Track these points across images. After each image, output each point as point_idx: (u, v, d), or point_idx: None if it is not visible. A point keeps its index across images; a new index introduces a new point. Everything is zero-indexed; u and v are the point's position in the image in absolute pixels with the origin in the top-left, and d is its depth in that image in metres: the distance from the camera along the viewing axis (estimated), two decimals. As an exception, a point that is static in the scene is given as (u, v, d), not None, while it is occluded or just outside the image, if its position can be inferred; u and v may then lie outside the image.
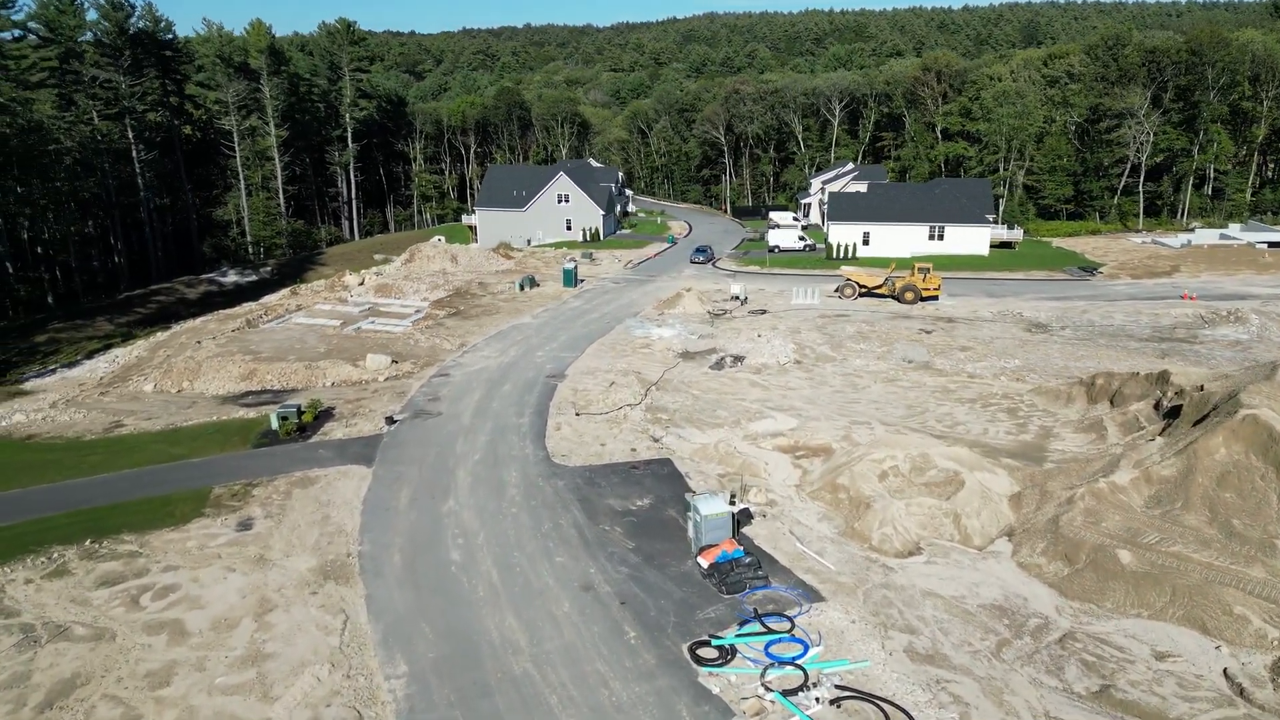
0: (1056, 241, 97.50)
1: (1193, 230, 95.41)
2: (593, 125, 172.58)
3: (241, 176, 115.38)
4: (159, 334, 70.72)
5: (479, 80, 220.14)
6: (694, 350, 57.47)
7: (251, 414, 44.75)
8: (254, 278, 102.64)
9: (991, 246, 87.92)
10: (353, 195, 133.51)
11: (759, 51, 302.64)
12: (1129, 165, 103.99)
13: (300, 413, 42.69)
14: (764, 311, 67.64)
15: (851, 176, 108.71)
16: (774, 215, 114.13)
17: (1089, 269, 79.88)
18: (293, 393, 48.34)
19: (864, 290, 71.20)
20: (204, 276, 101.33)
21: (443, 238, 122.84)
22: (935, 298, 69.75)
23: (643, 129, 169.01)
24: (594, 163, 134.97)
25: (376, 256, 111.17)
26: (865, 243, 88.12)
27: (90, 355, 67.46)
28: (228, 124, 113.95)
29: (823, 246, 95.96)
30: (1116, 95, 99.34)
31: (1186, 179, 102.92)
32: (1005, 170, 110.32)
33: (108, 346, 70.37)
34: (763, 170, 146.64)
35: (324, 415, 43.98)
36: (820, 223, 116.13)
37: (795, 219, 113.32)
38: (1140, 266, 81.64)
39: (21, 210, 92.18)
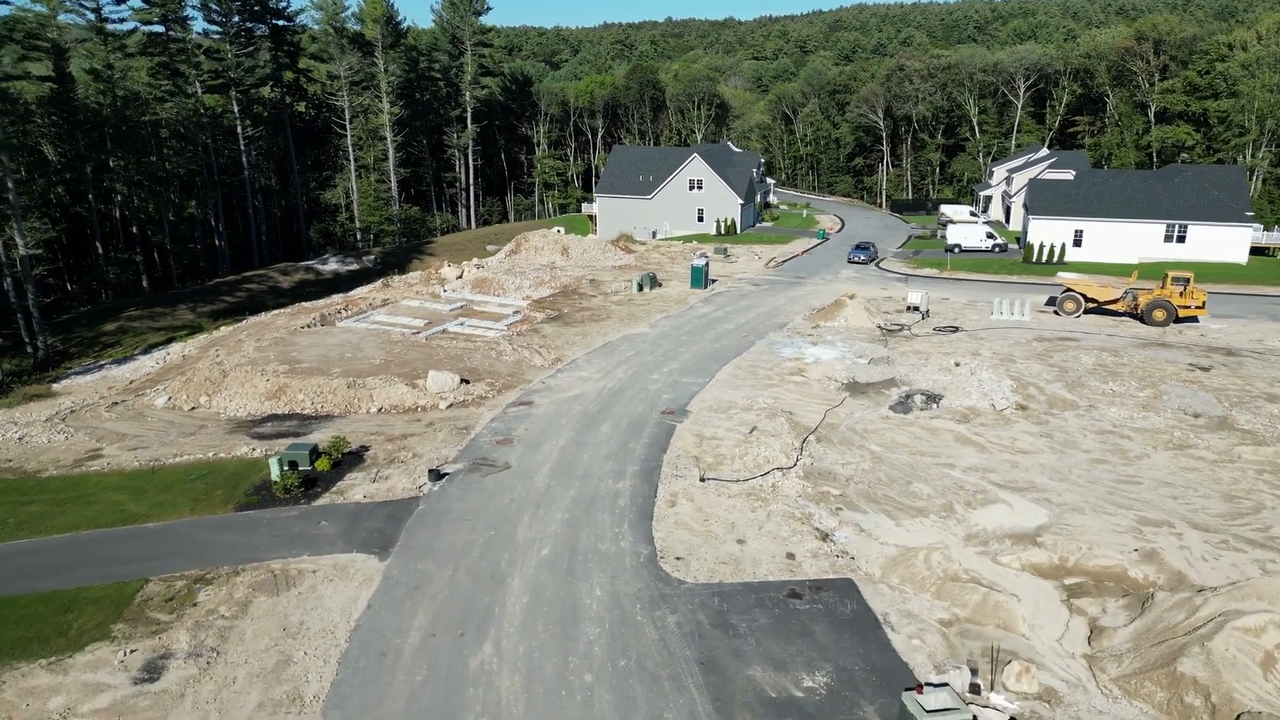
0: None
1: None
2: (732, 108, 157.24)
3: (352, 158, 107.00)
4: (221, 329, 61.13)
5: (615, 69, 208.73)
6: (865, 381, 42.06)
7: (258, 450, 32.67)
8: (355, 266, 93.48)
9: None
10: (470, 181, 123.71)
11: (915, 38, 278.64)
12: None
13: (315, 455, 30.24)
14: (955, 329, 51.17)
15: (1048, 164, 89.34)
16: (947, 210, 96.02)
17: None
18: (325, 420, 36.13)
19: (1092, 305, 53.49)
20: (301, 264, 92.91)
21: (562, 228, 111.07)
22: (1195, 319, 51.35)
23: (787, 114, 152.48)
24: (733, 147, 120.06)
25: (489, 247, 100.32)
26: (1076, 243, 69.52)
27: (149, 349, 58.41)
28: (340, 100, 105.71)
29: (1015, 247, 77.65)
30: None
31: None
32: (1247, 158, 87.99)
33: (171, 339, 61.42)
34: (928, 159, 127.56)
35: (350, 459, 31.37)
36: (1003, 219, 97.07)
37: (973, 214, 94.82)
38: None
39: (114, 186, 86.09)
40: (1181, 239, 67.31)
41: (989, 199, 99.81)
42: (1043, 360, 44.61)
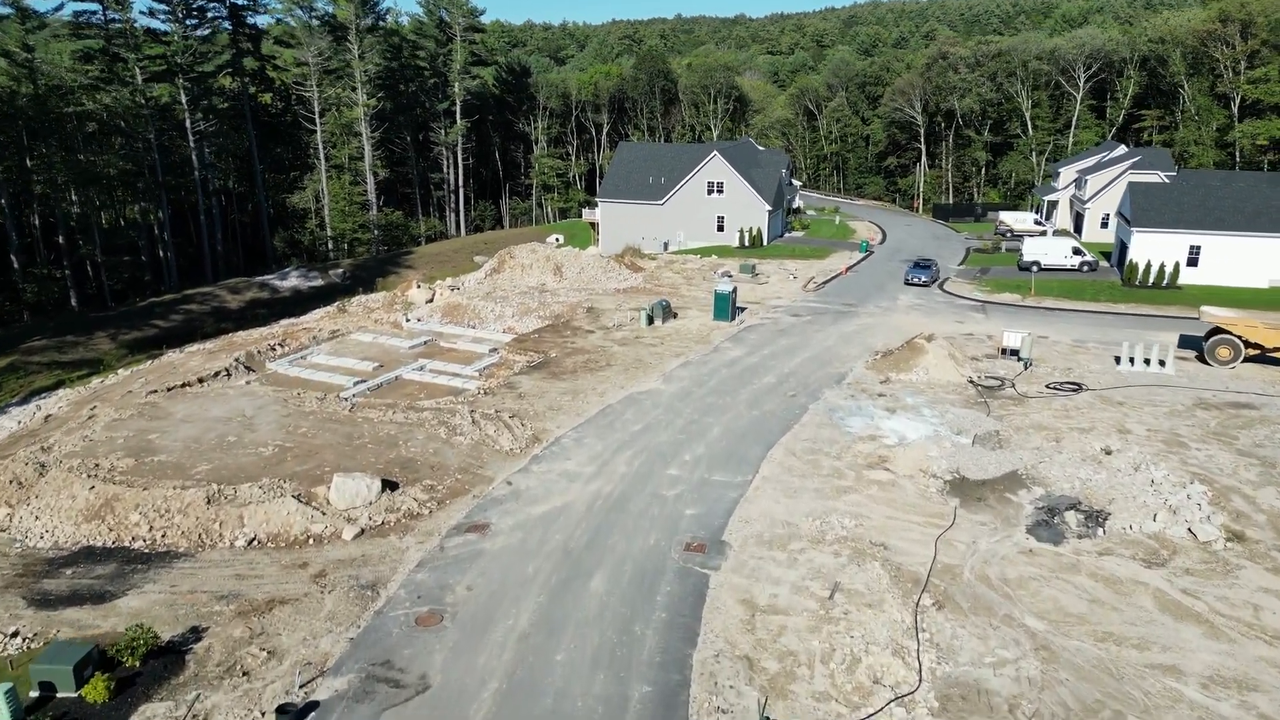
0: None
1: None
2: (752, 102, 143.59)
3: (323, 156, 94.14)
4: (120, 373, 48.38)
5: (622, 63, 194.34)
6: (978, 478, 28.98)
7: (29, 630, 19.70)
8: (319, 282, 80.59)
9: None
10: (460, 182, 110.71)
11: (939, 32, 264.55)
12: None
13: (89, 666, 17.27)
14: (1077, 386, 37.84)
15: (1130, 164, 75.75)
16: (1006, 217, 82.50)
17: None
18: (162, 563, 23.09)
19: (1256, 352, 40.12)
20: (257, 279, 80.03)
21: (561, 236, 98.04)
22: (1401, 373, 37.94)
23: (810, 109, 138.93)
24: (756, 145, 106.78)
25: (477, 258, 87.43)
26: (1192, 262, 56.09)
27: (28, 397, 45.88)
28: (309, 91, 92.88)
29: (1107, 265, 64.19)
30: None
31: None
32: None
33: (61, 383, 48.89)
34: (972, 158, 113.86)
35: (156, 669, 18.34)
36: (1071, 227, 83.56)
37: (1038, 222, 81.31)
38: None
39: (34, 188, 73.45)
40: (1327, 258, 53.83)
41: (1054, 204, 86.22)
42: (1226, 443, 31.28)
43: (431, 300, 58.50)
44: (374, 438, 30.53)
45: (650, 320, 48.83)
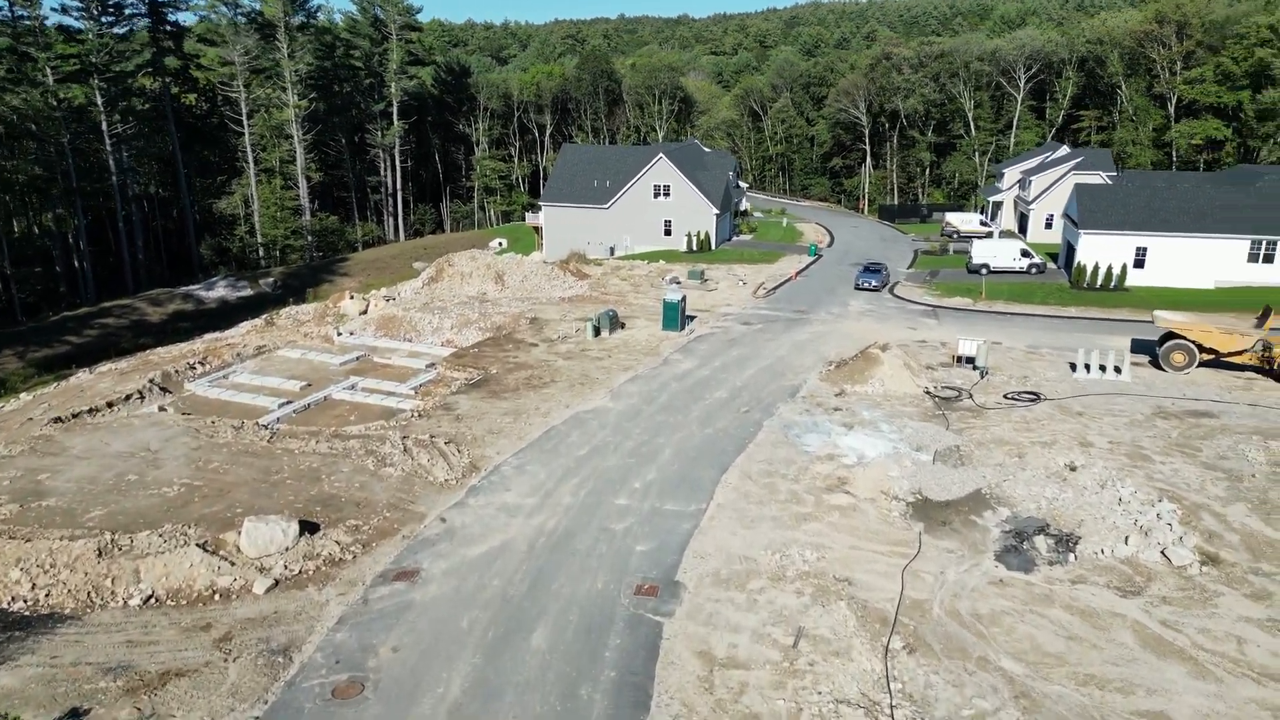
0: None
1: None
2: (697, 103, 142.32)
3: (251, 159, 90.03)
4: (22, 397, 44.69)
5: (565, 63, 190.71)
6: (941, 499, 27.67)
7: None
8: (248, 292, 76.92)
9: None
10: (398, 185, 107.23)
11: (880, 33, 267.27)
12: None
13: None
14: (1035, 396, 36.87)
15: (1072, 165, 76.04)
16: (953, 218, 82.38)
17: None
18: (43, 628, 20.33)
19: (1210, 357, 39.66)
20: (181, 290, 76.05)
21: (504, 240, 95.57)
22: (1351, 376, 37.78)
23: (755, 110, 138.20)
24: (703, 146, 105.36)
25: (416, 264, 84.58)
26: (1138, 264, 56.02)
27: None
28: (236, 92, 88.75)
29: (1054, 266, 64.06)
30: None
31: None
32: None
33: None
34: (917, 158, 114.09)
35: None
36: (1015, 228, 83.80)
37: (984, 223, 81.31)
38: None
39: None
40: (1269, 259, 54.15)
41: (999, 205, 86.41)
42: (1189, 455, 30.42)
43: (365, 312, 55.69)
44: (294, 472, 27.94)
45: (596, 331, 46.79)
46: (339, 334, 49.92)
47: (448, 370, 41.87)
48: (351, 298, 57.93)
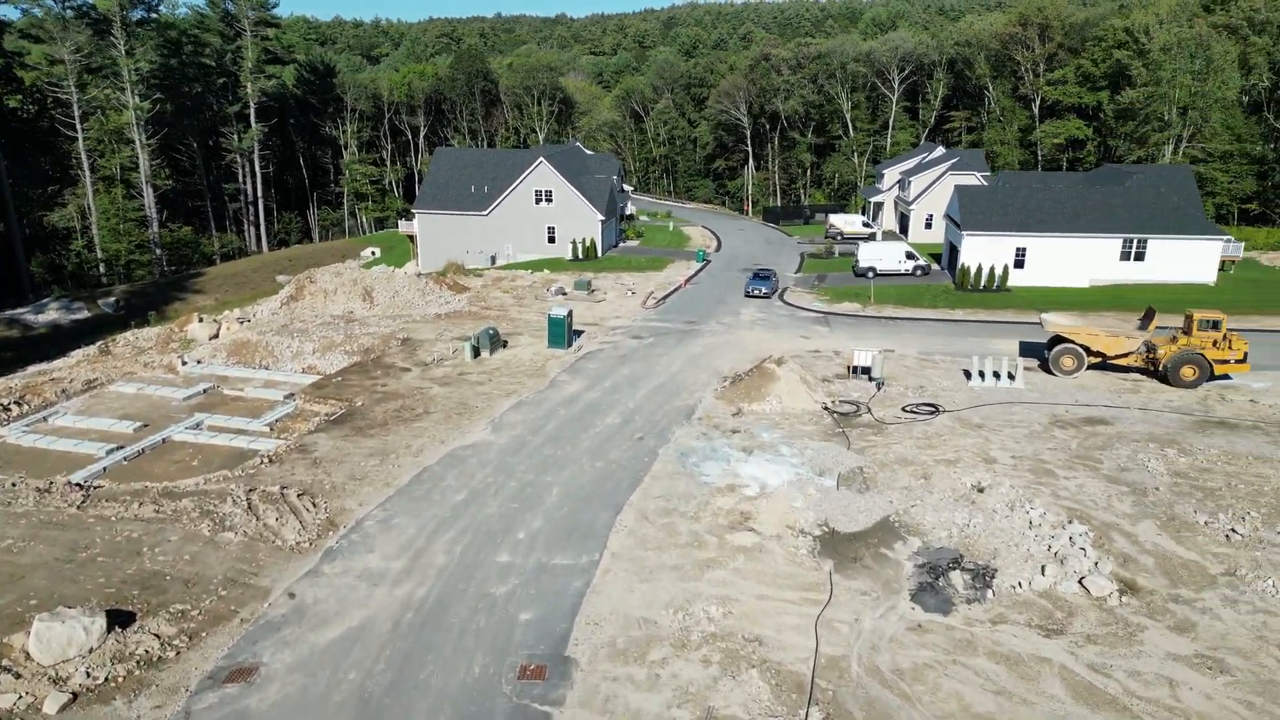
0: (1269, 259, 66.78)
1: None
2: (578, 104, 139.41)
3: (87, 167, 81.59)
4: None
5: (440, 63, 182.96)
6: (848, 530, 25.95)
7: None
8: (85, 314, 69.18)
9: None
10: (259, 193, 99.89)
11: (757, 35, 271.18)
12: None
13: None
14: (934, 409, 35.76)
15: (949, 165, 77.21)
16: (836, 220, 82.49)
17: None
18: None
19: (1098, 360, 39.65)
20: (4, 314, 67.69)
21: (377, 249, 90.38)
22: (1228, 376, 38.35)
23: (637, 111, 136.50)
24: (584, 149, 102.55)
25: (280, 278, 78.37)
26: (1019, 264, 56.60)
27: None
28: (66, 93, 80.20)
29: (938, 268, 64.41)
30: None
31: None
32: (1167, 155, 78.61)
33: None
34: (798, 159, 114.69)
35: None
36: (897, 228, 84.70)
37: (866, 224, 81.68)
38: None
39: None
40: (1140, 256, 55.61)
41: (880, 206, 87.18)
42: (1092, 468, 29.65)
43: (216, 336, 50.36)
44: (109, 545, 23.53)
45: (476, 352, 43.30)
46: (184, 363, 44.69)
47: (307, 403, 37.62)
48: (200, 320, 52.37)
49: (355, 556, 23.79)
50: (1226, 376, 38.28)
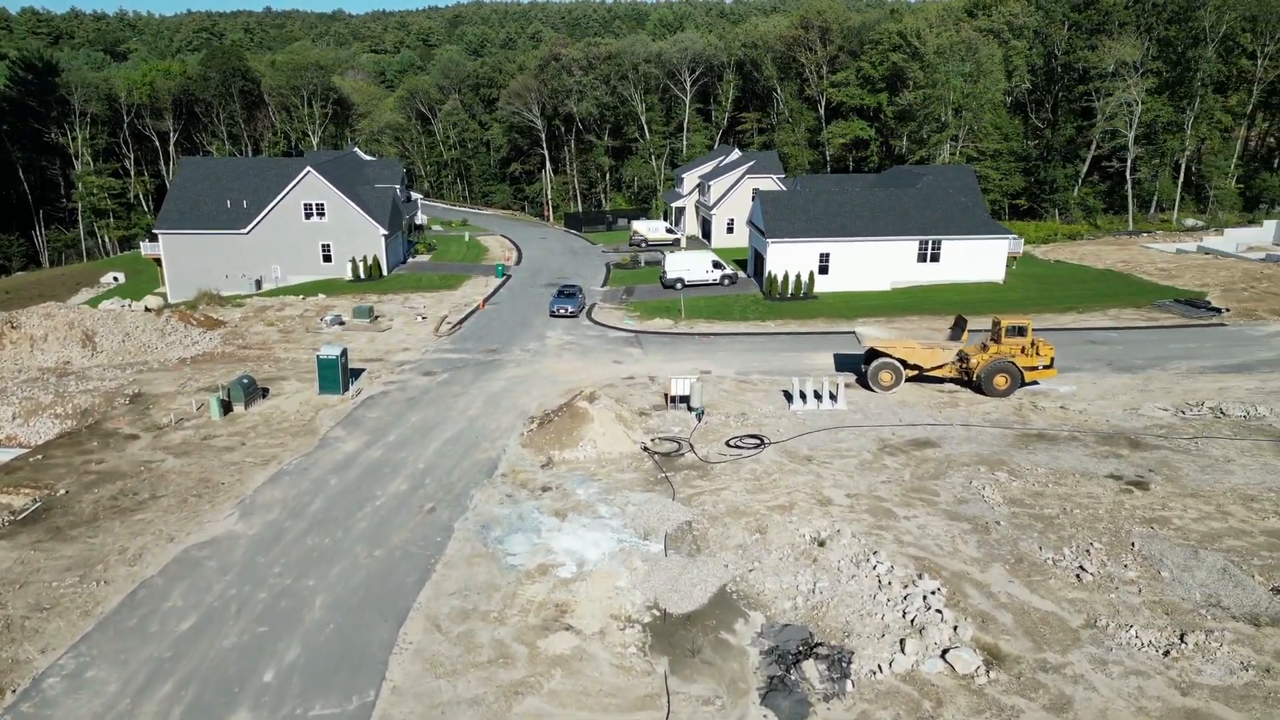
0: (1042, 252, 70.60)
1: (1200, 229, 71.89)
2: (355, 105, 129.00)
3: None
4: None
5: (188, 61, 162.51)
6: (681, 610, 22.44)
7: None
8: None
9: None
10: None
11: (546, 34, 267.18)
12: (1095, 145, 79.45)
13: None
14: (759, 440, 32.79)
15: (746, 169, 76.36)
16: (639, 226, 79.74)
17: (1197, 302, 51.52)
18: None
19: (915, 373, 38.39)
20: None
21: (120, 275, 78.24)
22: (1037, 382, 38.23)
23: (424, 112, 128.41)
24: (362, 154, 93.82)
25: (-8, 315, 64.81)
26: (823, 270, 55.70)
27: None
28: None
29: (744, 275, 62.74)
30: (1105, 49, 73.66)
31: (1166, 163, 79.61)
32: (946, 155, 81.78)
33: None
34: (596, 163, 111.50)
35: None
36: (699, 233, 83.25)
37: (669, 230, 79.42)
38: (1263, 295, 53.93)
39: None
40: (935, 258, 56.25)
41: (681, 210, 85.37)
42: (929, 503, 27.50)
43: (-122, 405, 39.27)
44: None
45: (226, 407, 35.86)
46: None
47: (-8, 495, 29.06)
48: None
49: (20, 748, 16.95)
50: (1036, 383, 38.07)
